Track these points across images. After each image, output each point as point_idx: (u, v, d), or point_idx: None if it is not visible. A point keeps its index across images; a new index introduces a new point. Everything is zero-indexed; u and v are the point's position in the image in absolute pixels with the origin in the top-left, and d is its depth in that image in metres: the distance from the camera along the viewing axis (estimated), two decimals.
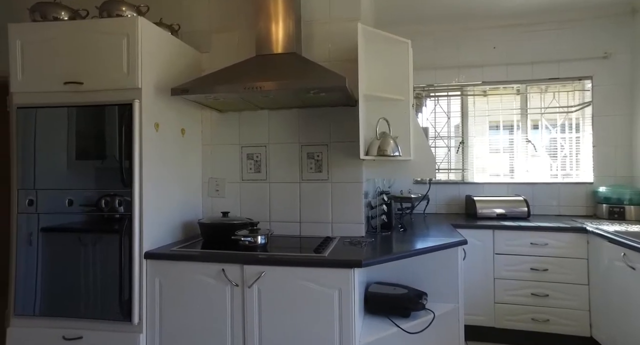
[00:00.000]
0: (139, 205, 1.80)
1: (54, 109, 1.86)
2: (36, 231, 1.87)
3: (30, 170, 1.88)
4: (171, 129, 2.06)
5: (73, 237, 1.84)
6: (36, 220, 1.87)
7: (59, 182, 1.86)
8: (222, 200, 2.34)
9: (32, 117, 1.88)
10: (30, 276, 1.87)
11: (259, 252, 1.78)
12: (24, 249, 1.88)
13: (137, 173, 1.79)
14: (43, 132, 1.88)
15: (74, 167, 1.85)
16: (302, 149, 2.27)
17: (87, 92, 1.83)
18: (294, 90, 1.81)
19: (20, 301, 1.87)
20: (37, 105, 1.87)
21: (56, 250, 1.86)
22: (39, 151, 1.88)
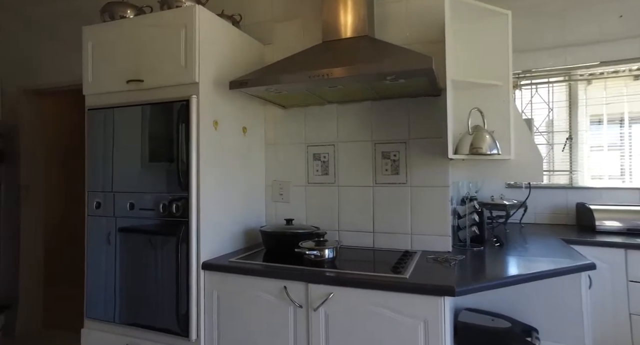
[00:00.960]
0: (197, 211, 1.64)
1: (117, 109, 1.80)
2: (104, 235, 1.82)
3: (98, 173, 1.84)
4: (231, 128, 1.89)
5: (135, 243, 1.75)
6: (105, 223, 1.82)
7: (120, 184, 1.79)
8: (286, 206, 2.13)
9: (100, 119, 1.84)
10: (98, 281, 1.83)
11: (326, 269, 1.51)
12: (93, 252, 1.85)
13: (194, 175, 1.64)
14: (106, 134, 1.83)
15: (134, 169, 1.76)
16: (376, 148, 1.96)
17: (147, 90, 1.74)
18: (368, 77, 1.52)
19: (90, 305, 1.84)
20: (103, 106, 1.83)
21: (120, 256, 1.78)
22: (104, 153, 1.83)
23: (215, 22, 1.76)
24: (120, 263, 1.78)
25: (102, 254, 1.82)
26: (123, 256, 1.77)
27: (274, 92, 1.72)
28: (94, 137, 1.85)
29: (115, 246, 1.79)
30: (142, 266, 1.73)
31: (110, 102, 1.82)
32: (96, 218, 1.83)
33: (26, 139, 2.87)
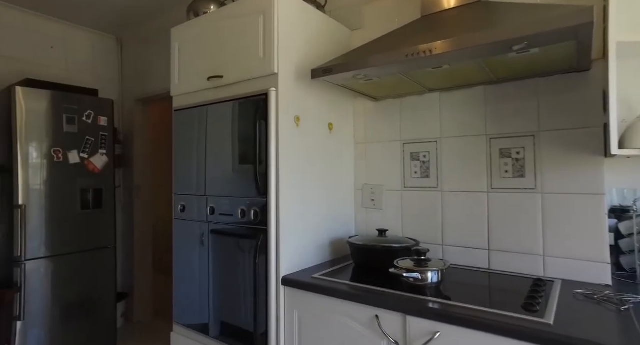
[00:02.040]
0: (276, 218, 1.47)
1: (198, 108, 1.74)
2: (188, 239, 1.78)
3: (181, 176, 1.81)
4: (315, 124, 1.68)
5: (214, 251, 1.66)
6: (188, 228, 1.77)
7: (201, 187, 1.71)
8: (378, 214, 1.84)
9: (184, 120, 1.81)
10: (182, 286, 1.80)
11: (430, 298, 1.18)
12: (178, 256, 1.83)
13: (273, 178, 1.46)
14: (189, 135, 1.78)
15: (213, 171, 1.67)
16: (492, 144, 1.55)
17: (226, 86, 1.63)
18: (486, 49, 1.14)
19: (178, 310, 1.82)
20: (187, 106, 1.79)
21: (200, 263, 1.72)
22: (187, 155, 1.79)
23: (296, 7, 1.57)
24: (200, 270, 1.70)
25: (186, 259, 1.78)
26: (202, 263, 1.69)
27: (364, 80, 1.45)
28: (179, 138, 1.83)
29: (197, 252, 1.72)
30: (220, 276, 1.62)
31: (193, 101, 1.77)
32: (181, 222, 1.80)
33: (138, 144, 3.13)
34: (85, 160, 2.43)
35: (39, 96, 2.27)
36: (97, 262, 2.51)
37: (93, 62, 3.04)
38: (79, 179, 2.41)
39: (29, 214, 2.22)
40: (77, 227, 2.40)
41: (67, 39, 2.88)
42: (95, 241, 2.49)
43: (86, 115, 2.44)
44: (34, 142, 2.24)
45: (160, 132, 4.32)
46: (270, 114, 1.46)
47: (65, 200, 2.35)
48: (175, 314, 1.83)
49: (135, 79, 3.10)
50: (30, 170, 2.23)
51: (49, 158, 2.29)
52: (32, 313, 2.21)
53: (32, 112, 2.24)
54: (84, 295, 2.44)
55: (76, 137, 2.40)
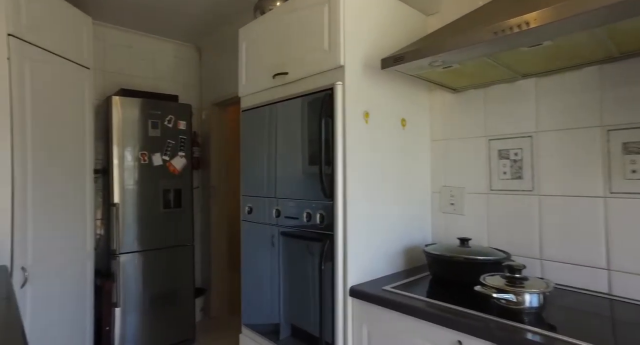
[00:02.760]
0: (343, 223, 1.35)
1: (264, 107, 1.70)
2: (255, 242, 1.75)
3: (249, 176, 1.79)
4: (387, 120, 1.53)
5: (281, 255, 1.61)
6: (255, 230, 1.75)
7: (267, 189, 1.67)
8: (459, 219, 1.62)
9: (250, 120, 1.79)
10: (248, 288, 1.78)
11: (528, 327, 0.97)
12: (246, 258, 1.82)
13: (340, 179, 1.35)
14: (255, 134, 1.75)
15: (278, 172, 1.61)
16: (610, 138, 1.25)
17: (291, 83, 1.56)
18: (619, 9, 0.89)
19: (246, 312, 1.82)
20: (254, 106, 1.77)
21: (267, 267, 1.68)
22: (252, 155, 1.76)
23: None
24: (269, 272, 1.66)
25: (254, 261, 1.75)
26: (271, 266, 1.65)
27: (441, 67, 1.26)
28: (246, 139, 1.81)
29: (264, 254, 1.69)
30: (289, 279, 1.56)
31: (259, 101, 1.74)
32: (248, 224, 1.78)
33: (214, 147, 3.27)
34: (166, 162, 2.59)
35: (131, 104, 2.47)
36: (178, 259, 2.65)
37: (175, 70, 3.26)
38: (161, 180, 2.57)
39: (122, 212, 2.42)
40: (161, 225, 2.57)
41: (154, 52, 3.12)
42: (176, 239, 2.64)
43: (167, 120, 2.60)
44: (126, 146, 2.44)
45: (235, 134, 4.52)
46: (337, 110, 1.35)
47: (151, 199, 2.53)
48: (244, 315, 1.82)
49: (212, 84, 3.25)
50: (123, 171, 2.43)
51: (137, 160, 2.48)
52: (127, 300, 2.41)
53: (125, 118, 2.45)
54: (167, 288, 2.59)
55: (159, 140, 2.57)
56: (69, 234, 2.02)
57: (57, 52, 1.97)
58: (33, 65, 1.81)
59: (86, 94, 2.19)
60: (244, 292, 1.83)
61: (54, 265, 1.90)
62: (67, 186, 2.01)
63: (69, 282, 2.01)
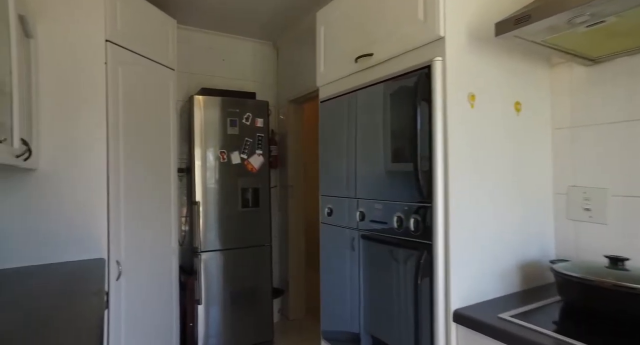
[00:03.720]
0: (444, 230, 1.10)
1: (345, 96, 1.51)
2: (336, 248, 1.58)
3: (328, 174, 1.63)
4: (497, 104, 1.23)
5: (365, 266, 1.40)
6: (336, 234, 1.58)
7: (351, 188, 1.48)
8: (598, 230, 1.25)
9: (330, 111, 1.62)
10: (329, 296, 1.62)
11: None
12: (325, 264, 1.66)
13: (439, 177, 1.10)
14: (335, 127, 1.57)
15: (365, 170, 1.41)
16: None
17: (377, 66, 1.35)
18: None
19: (325, 319, 1.66)
20: (333, 95, 1.59)
21: (348, 275, 1.49)
22: (332, 150, 1.59)
23: None
24: (348, 281, 1.47)
25: (334, 266, 1.58)
26: (347, 273, 1.46)
27: (586, 24, 0.93)
28: (325, 132, 1.65)
29: (345, 261, 1.50)
30: (373, 291, 1.35)
31: (339, 89, 1.56)
32: (328, 227, 1.62)
33: (291, 145, 3.20)
34: (244, 160, 2.56)
35: (211, 102, 2.49)
36: (256, 258, 2.61)
37: (253, 69, 3.26)
38: (239, 179, 2.55)
39: (203, 210, 2.45)
40: (239, 224, 2.55)
41: (233, 52, 3.16)
42: (254, 238, 2.60)
43: (245, 118, 2.57)
44: (207, 145, 2.47)
45: (313, 132, 4.44)
46: (435, 93, 1.10)
47: (230, 198, 2.52)
48: (323, 322, 1.66)
49: (288, 81, 3.18)
50: (204, 170, 2.46)
51: (217, 159, 2.49)
52: (209, 298, 2.44)
53: (206, 117, 2.47)
54: (246, 288, 2.57)
55: (237, 139, 2.55)
56: (156, 230, 2.07)
57: (145, 54, 2.03)
58: (124, 68, 1.87)
59: (171, 94, 2.24)
60: (323, 298, 1.67)
61: (143, 260, 1.96)
62: (154, 184, 2.06)
63: (156, 276, 2.06)
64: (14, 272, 1.47)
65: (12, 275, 1.43)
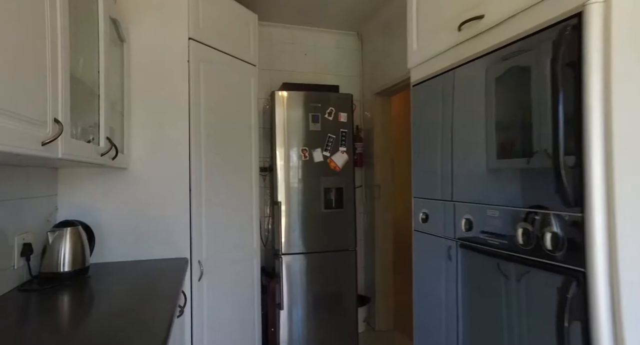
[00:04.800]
0: (607, 254, 0.75)
1: (447, 74, 1.21)
2: (433, 261, 1.30)
3: (423, 173, 1.34)
4: None
5: (471, 290, 1.10)
6: (435, 245, 1.29)
7: (453, 190, 1.18)
8: None
9: (426, 95, 1.34)
10: (425, 313, 1.34)
11: None
12: (420, 279, 1.38)
13: (596, 176, 0.76)
14: (433, 114, 1.28)
15: (472, 166, 1.10)
16: None
17: (487, 32, 1.03)
18: None
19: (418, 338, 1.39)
20: (430, 75, 1.31)
21: (452, 297, 1.19)
22: (430, 144, 1.30)
23: None
24: (446, 307, 1.17)
25: (428, 286, 1.29)
26: (444, 296, 1.16)
27: None
28: (418, 122, 1.37)
29: (442, 281, 1.21)
30: (480, 327, 1.04)
31: (437, 67, 1.26)
32: (423, 235, 1.33)
33: (378, 141, 2.95)
34: (327, 158, 2.40)
35: (292, 97, 2.38)
36: (340, 263, 2.43)
37: (336, 62, 3.08)
38: (322, 178, 2.39)
39: (285, 211, 2.35)
40: (322, 226, 2.39)
41: (315, 45, 3.02)
42: (338, 242, 2.42)
43: (328, 113, 2.40)
44: (288, 142, 2.36)
45: (402, 126, 4.11)
46: (590, 54, 0.76)
47: (312, 198, 2.38)
48: (416, 341, 1.39)
49: (374, 72, 2.93)
50: (286, 169, 2.36)
51: (298, 157, 2.36)
52: (291, 303, 2.33)
53: (287, 112, 2.37)
54: (329, 294, 2.40)
55: (319, 135, 2.39)
56: (237, 230, 2.02)
57: (226, 50, 1.98)
58: (206, 65, 1.84)
59: (252, 91, 2.18)
60: (416, 318, 1.40)
61: (224, 261, 1.91)
62: (235, 183, 2.01)
63: (237, 278, 2.01)
64: (113, 267, 1.51)
65: (112, 269, 1.47)
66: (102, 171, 1.62)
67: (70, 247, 1.32)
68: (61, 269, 1.29)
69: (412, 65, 1.42)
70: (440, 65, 1.25)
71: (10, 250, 1.21)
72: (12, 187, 1.23)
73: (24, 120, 0.73)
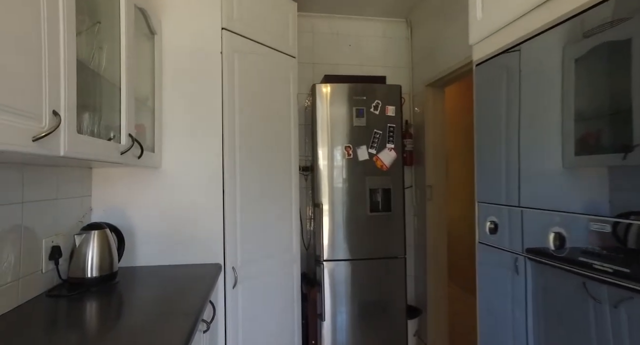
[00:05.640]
0: None
1: (520, 48, 0.96)
2: (503, 287, 1.05)
3: (491, 173, 1.09)
4: None
5: (561, 321, 0.84)
6: (506, 263, 1.04)
7: (533, 195, 0.93)
8: None
9: (487, 77, 1.08)
10: (492, 336, 1.09)
11: None
12: (486, 301, 1.13)
13: None
14: (503, 99, 1.03)
15: (556, 166, 0.84)
16: None
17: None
18: None
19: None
20: (498, 51, 1.06)
21: (518, 322, 0.94)
22: (500, 137, 1.05)
23: None
24: (521, 330, 0.92)
25: (496, 313, 1.04)
26: (519, 321, 0.90)
27: None
28: (481, 110, 1.12)
29: (516, 310, 0.95)
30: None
31: (506, 41, 1.01)
32: (490, 249, 1.08)
33: (429, 137, 2.68)
34: (373, 156, 2.18)
35: (335, 90, 2.19)
36: (388, 272, 2.21)
37: (383, 52, 2.85)
38: (367, 178, 2.18)
39: (327, 213, 2.17)
40: (368, 230, 2.18)
41: (361, 34, 2.82)
42: (385, 249, 2.20)
43: (374, 106, 2.19)
44: (330, 139, 2.18)
45: (456, 121, 3.76)
46: None
47: (357, 200, 2.18)
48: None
49: (425, 61, 2.66)
50: (327, 168, 2.18)
51: (342, 155, 2.18)
52: (333, 314, 2.15)
53: (329, 107, 2.19)
54: (376, 305, 2.19)
55: (364, 131, 2.18)
56: (275, 234, 1.88)
57: (263, 41, 1.85)
58: (241, 57, 1.72)
59: (291, 84, 2.03)
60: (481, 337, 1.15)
61: (261, 267, 1.78)
62: (273, 184, 1.87)
63: (275, 285, 1.87)
64: (142, 272, 1.43)
65: (141, 274, 1.39)
66: (135, 171, 1.55)
67: (98, 251, 1.25)
68: (88, 274, 1.22)
69: (475, 40, 1.17)
70: (508, 39, 1.00)
71: (39, 253, 1.16)
72: (42, 187, 1.18)
73: (8, 111, 0.63)
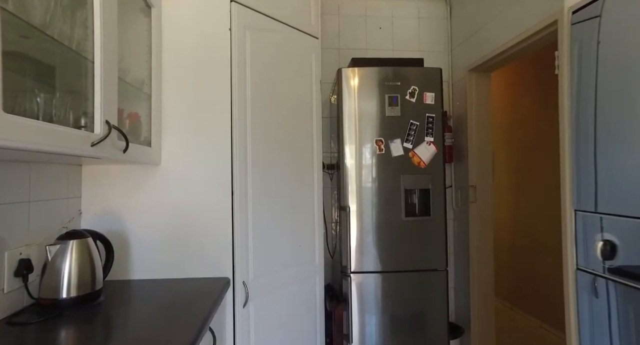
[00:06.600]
0: None
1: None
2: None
3: (594, 174, 0.77)
4: None
5: None
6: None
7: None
8: None
9: (586, 31, 0.76)
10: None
11: None
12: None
13: None
14: (615, 74, 0.70)
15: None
16: None
17: None
18: None
19: None
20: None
21: None
22: (599, 124, 0.72)
23: None
24: None
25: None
26: None
27: None
28: (583, 81, 0.79)
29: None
30: None
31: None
32: (602, 282, 0.76)
33: (473, 130, 2.33)
34: (409, 151, 1.87)
35: (364, 74, 1.90)
36: (426, 286, 1.89)
37: (418, 34, 2.52)
38: (402, 177, 1.87)
39: (354, 218, 1.88)
40: (402, 238, 1.87)
41: (393, 15, 2.51)
42: (423, 259, 1.88)
43: (409, 93, 1.87)
44: (358, 131, 1.89)
45: (504, 113, 3.35)
46: None
47: (390, 203, 1.87)
48: None
49: (468, 43, 2.31)
50: (355, 165, 1.89)
51: (372, 150, 1.88)
52: (364, 333, 1.86)
53: (358, 95, 1.89)
54: (413, 324, 1.88)
55: (398, 122, 1.87)
56: (294, 242, 1.61)
57: (279, 18, 1.59)
58: (254, 34, 1.47)
59: (314, 68, 1.75)
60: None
61: (276, 281, 1.52)
62: (291, 183, 1.61)
63: (294, 303, 1.60)
64: (134, 288, 1.20)
65: (132, 290, 1.16)
66: (130, 169, 1.33)
67: (76, 265, 1.02)
68: (63, 295, 1.00)
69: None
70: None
71: (0, 269, 0.95)
72: (6, 188, 0.97)
73: None
